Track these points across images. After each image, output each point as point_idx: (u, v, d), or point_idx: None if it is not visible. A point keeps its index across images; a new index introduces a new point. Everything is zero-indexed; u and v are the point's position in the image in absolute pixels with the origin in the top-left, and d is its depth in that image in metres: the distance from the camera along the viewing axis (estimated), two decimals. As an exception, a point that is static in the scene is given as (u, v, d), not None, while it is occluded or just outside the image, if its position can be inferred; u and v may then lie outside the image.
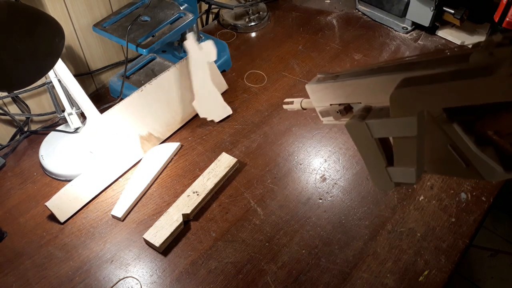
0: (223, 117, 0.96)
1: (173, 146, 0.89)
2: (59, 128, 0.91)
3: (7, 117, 0.92)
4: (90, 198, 0.81)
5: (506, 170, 0.42)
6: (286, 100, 0.66)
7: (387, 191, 0.82)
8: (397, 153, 0.46)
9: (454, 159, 0.45)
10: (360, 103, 0.52)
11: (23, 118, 0.95)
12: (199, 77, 0.93)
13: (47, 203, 0.76)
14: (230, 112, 0.96)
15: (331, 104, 0.56)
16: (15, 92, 0.90)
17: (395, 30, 1.20)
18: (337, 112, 0.54)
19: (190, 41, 0.92)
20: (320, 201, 0.81)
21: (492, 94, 0.38)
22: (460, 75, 0.39)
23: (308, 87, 0.57)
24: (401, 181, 0.46)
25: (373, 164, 0.47)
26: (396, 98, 0.42)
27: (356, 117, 0.46)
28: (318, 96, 0.57)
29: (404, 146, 0.45)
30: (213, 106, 0.95)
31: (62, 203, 0.78)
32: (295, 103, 0.66)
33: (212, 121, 0.95)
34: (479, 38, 1.14)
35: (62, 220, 0.78)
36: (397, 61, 0.48)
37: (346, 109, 0.54)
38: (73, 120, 0.86)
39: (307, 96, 0.60)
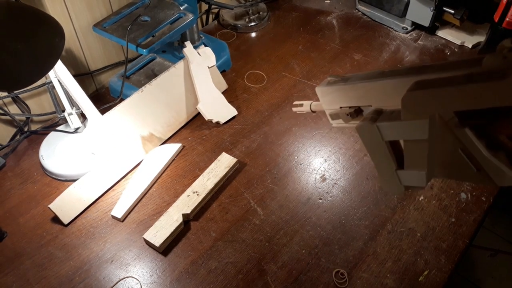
0: (229, 118, 0.96)
1: (174, 147, 0.89)
2: (59, 128, 0.91)
3: (7, 117, 0.92)
4: (93, 200, 0.81)
5: None
6: (296, 102, 0.66)
7: (397, 195, 0.81)
8: (408, 156, 0.46)
9: (465, 163, 0.45)
10: (371, 106, 0.52)
11: (23, 118, 0.95)
12: (202, 81, 0.94)
13: (50, 205, 0.76)
14: (235, 113, 0.97)
15: (341, 107, 0.56)
16: (15, 92, 0.90)
17: (395, 30, 1.20)
18: (347, 115, 0.54)
19: (189, 48, 0.93)
20: (320, 201, 0.81)
21: (506, 98, 0.38)
22: (473, 78, 0.39)
23: (318, 90, 0.57)
24: (411, 185, 0.46)
25: (383, 167, 0.47)
26: (408, 101, 0.42)
27: (367, 120, 0.46)
28: (328, 99, 0.57)
29: (415, 149, 0.45)
30: (218, 108, 0.96)
31: (65, 204, 0.78)
32: (305, 106, 0.66)
33: (217, 122, 0.95)
34: (479, 38, 1.14)
35: (65, 222, 0.78)
36: (409, 65, 0.48)
37: (357, 112, 0.54)
38: (73, 120, 0.86)
39: (308, 97, 0.60)
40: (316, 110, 0.65)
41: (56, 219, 0.78)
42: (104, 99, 1.02)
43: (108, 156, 0.84)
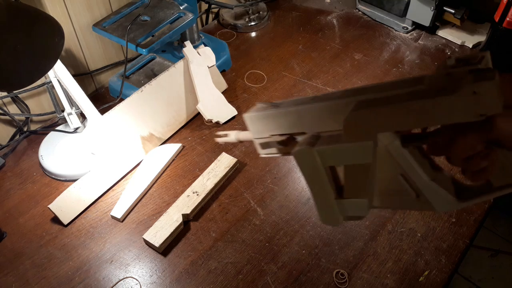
0: (229, 118, 0.96)
1: (174, 147, 0.89)
2: (58, 128, 0.91)
3: (7, 117, 0.92)
4: (93, 200, 0.81)
5: (459, 199, 0.41)
6: (219, 132, 0.62)
7: (335, 226, 0.77)
8: (348, 182, 0.42)
9: (404, 189, 0.43)
10: (304, 133, 0.48)
11: (23, 118, 0.95)
12: (202, 81, 0.94)
13: (50, 206, 0.76)
14: (235, 113, 0.96)
15: (272, 135, 0.51)
16: (14, 92, 0.90)
17: (395, 30, 1.20)
18: (279, 143, 0.50)
19: (188, 48, 0.93)
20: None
21: (454, 114, 0.37)
22: (418, 95, 0.38)
23: (247, 117, 0.53)
24: (351, 214, 0.43)
25: (322, 196, 0.43)
26: (351, 121, 0.39)
27: (305, 144, 0.42)
28: (258, 127, 0.53)
29: (356, 175, 0.42)
30: (218, 108, 0.95)
31: (65, 205, 0.78)
32: (231, 136, 0.61)
33: (217, 122, 0.95)
34: (480, 38, 1.14)
35: (65, 222, 0.78)
36: (344, 89, 0.45)
37: (289, 140, 0.50)
38: (73, 120, 0.86)
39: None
40: (244, 140, 0.60)
41: (55, 219, 0.78)
42: (103, 99, 1.01)
43: (108, 156, 0.84)
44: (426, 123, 0.38)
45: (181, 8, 0.95)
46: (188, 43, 0.95)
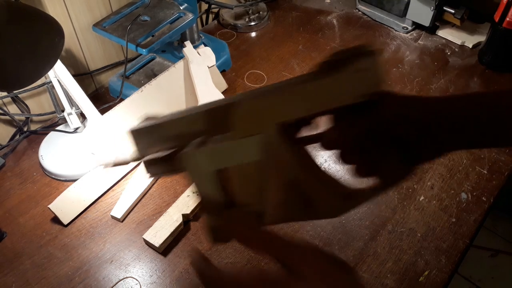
0: None
1: (173, 146, 0.89)
2: (58, 128, 0.91)
3: (7, 117, 0.92)
4: (93, 200, 0.81)
5: (345, 202, 0.40)
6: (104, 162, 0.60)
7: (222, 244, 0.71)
8: (239, 189, 0.39)
9: (292, 198, 0.40)
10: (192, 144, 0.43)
11: (23, 118, 0.95)
12: (201, 81, 0.93)
13: (50, 206, 0.76)
14: None
15: (158, 151, 0.47)
16: (14, 92, 0.90)
17: (395, 30, 1.20)
18: (163, 158, 0.45)
19: (188, 48, 0.93)
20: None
21: (339, 95, 0.36)
22: (301, 81, 0.37)
23: (131, 133, 0.49)
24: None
25: (212, 203, 0.39)
26: (236, 116, 0.37)
27: (192, 146, 0.38)
28: (143, 143, 0.48)
29: (245, 181, 0.38)
30: None
31: (65, 205, 0.78)
32: (112, 160, 0.57)
33: None
34: (480, 38, 1.14)
35: (65, 222, 0.78)
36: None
37: (176, 153, 0.43)
38: (73, 120, 0.86)
39: None
40: (122, 164, 0.56)
41: (55, 219, 0.78)
42: (103, 99, 1.01)
43: (108, 156, 0.84)
44: (313, 108, 0.37)
45: (181, 8, 0.95)
46: (188, 43, 0.95)
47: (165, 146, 0.46)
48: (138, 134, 0.49)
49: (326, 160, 0.88)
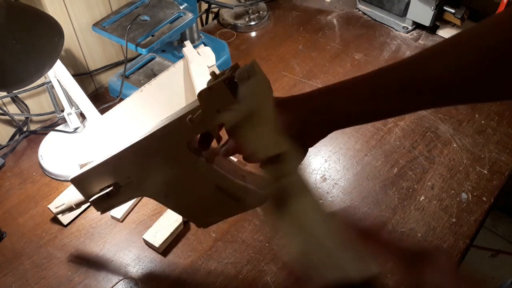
0: None
1: (172, 146, 0.89)
2: (58, 128, 0.91)
3: (6, 117, 0.92)
4: (92, 199, 0.81)
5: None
6: (53, 206, 0.69)
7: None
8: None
9: (224, 199, 0.49)
10: (129, 177, 0.54)
11: (23, 118, 0.95)
12: (202, 81, 0.93)
13: (49, 206, 0.76)
14: None
15: (100, 190, 0.56)
16: (14, 92, 0.90)
17: (395, 30, 1.20)
18: (108, 194, 0.55)
19: (188, 48, 0.93)
20: (321, 201, 0.81)
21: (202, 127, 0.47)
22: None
23: (73, 181, 0.57)
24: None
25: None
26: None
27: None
28: (86, 186, 0.57)
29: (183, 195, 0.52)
30: None
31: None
32: (66, 205, 0.66)
33: None
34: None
35: (65, 222, 0.77)
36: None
37: (116, 188, 0.55)
38: (72, 120, 0.86)
39: None
40: (79, 203, 0.64)
41: (55, 219, 0.78)
42: (103, 99, 1.01)
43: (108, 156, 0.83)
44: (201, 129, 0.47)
45: (181, 7, 0.95)
46: (188, 43, 0.95)
47: (104, 184, 0.55)
48: (79, 181, 0.57)
49: (327, 160, 0.88)
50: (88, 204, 0.80)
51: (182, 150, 0.48)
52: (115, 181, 0.54)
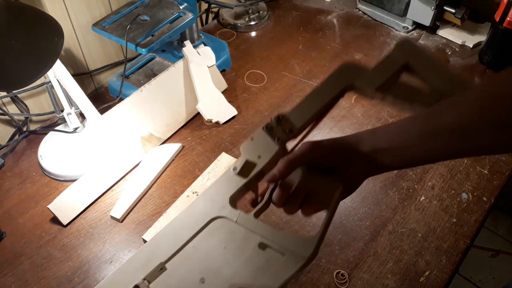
0: (228, 118, 0.96)
1: (174, 147, 0.89)
2: (58, 128, 0.91)
3: (6, 117, 0.92)
4: (93, 200, 0.81)
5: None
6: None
7: None
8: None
9: (270, 257, 0.48)
10: None
11: (22, 118, 0.95)
12: (201, 81, 0.93)
13: (49, 206, 0.76)
14: (235, 112, 0.96)
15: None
16: (14, 91, 0.90)
17: (395, 30, 1.20)
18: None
19: (188, 47, 0.93)
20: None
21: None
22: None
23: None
24: None
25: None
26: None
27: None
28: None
29: None
30: (218, 108, 0.95)
31: (65, 205, 0.77)
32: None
33: (217, 122, 0.94)
34: (480, 37, 1.14)
35: (65, 222, 0.77)
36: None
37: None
38: (72, 120, 0.86)
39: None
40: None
41: (55, 220, 0.78)
42: (103, 99, 1.01)
43: (107, 156, 0.83)
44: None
45: (181, 7, 0.95)
46: (188, 43, 0.95)
47: None
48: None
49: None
50: (88, 204, 0.80)
51: None
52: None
